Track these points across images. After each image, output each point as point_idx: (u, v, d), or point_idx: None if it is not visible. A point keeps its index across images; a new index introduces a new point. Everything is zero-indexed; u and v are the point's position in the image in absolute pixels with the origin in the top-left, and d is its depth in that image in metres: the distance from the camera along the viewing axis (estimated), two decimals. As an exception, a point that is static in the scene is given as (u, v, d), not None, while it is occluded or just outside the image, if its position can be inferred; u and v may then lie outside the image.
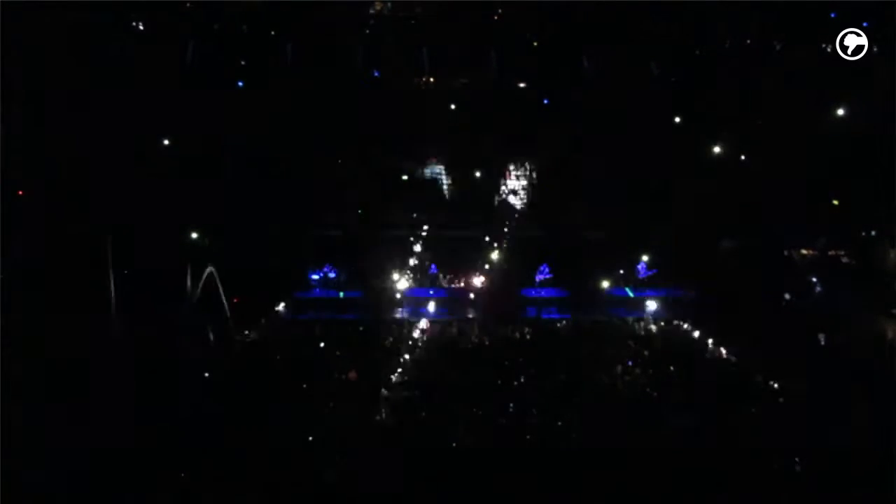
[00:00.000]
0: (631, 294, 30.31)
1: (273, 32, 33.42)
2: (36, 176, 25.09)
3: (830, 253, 30.73)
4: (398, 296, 30.39)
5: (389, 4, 34.85)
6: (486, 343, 27.65)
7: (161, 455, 17.78)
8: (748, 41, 32.52)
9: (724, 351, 26.56)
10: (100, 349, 21.38)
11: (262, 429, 19.43)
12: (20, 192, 25.18)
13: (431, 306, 30.18)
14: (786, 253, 30.76)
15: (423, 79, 34.20)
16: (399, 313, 29.90)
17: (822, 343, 26.45)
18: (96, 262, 23.99)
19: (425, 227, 32.05)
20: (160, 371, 21.19)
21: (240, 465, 17.73)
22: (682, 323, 29.11)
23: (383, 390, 23.02)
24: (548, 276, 30.63)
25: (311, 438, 19.39)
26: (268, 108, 30.75)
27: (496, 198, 33.44)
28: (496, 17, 34.36)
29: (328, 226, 31.61)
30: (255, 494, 16.98)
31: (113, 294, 23.99)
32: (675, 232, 29.81)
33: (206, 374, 22.91)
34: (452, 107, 33.21)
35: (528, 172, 34.01)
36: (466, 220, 32.20)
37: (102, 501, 16.47)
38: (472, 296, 30.65)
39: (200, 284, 26.11)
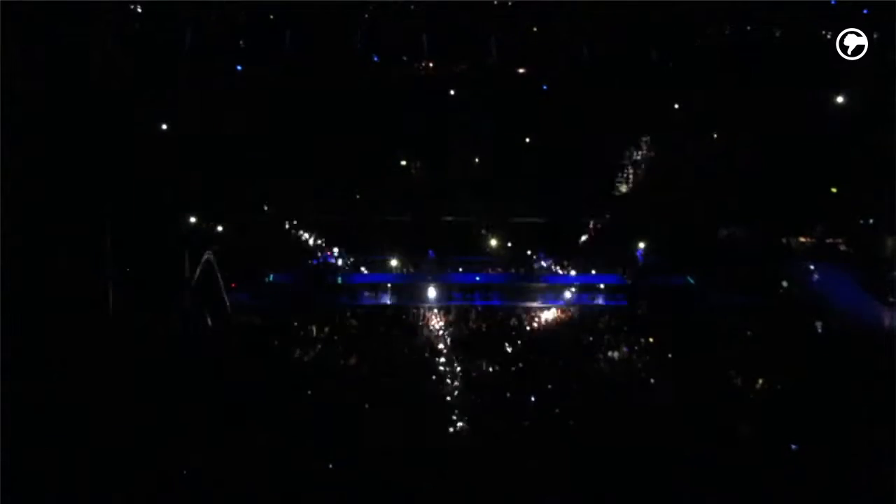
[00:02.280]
0: (628, 282, 30.30)
1: (271, 17, 33.26)
2: (36, 168, 24.97)
3: (828, 241, 30.72)
4: (395, 282, 30.42)
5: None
6: (484, 329, 27.75)
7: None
8: (748, 28, 32.38)
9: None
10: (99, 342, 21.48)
11: (261, 422, 19.55)
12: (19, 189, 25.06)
13: (429, 293, 30.16)
14: (784, 241, 30.74)
15: (423, 64, 34.07)
16: (395, 300, 29.92)
17: (820, 331, 26.52)
18: (95, 253, 24.06)
19: (423, 214, 31.99)
20: (160, 362, 21.27)
21: (238, 461, 17.87)
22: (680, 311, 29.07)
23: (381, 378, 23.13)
24: None
25: (309, 430, 19.50)
26: (266, 94, 30.67)
27: (495, 184, 33.29)
28: (496, 3, 34.19)
29: (326, 212, 31.57)
30: (252, 487, 17.14)
31: (111, 284, 24.07)
32: (674, 220, 29.81)
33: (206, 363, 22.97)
34: (452, 92, 33.11)
35: (527, 159, 33.82)
36: (466, 208, 32.12)
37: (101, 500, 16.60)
38: (469, 283, 30.67)
39: (198, 271, 26.17)
